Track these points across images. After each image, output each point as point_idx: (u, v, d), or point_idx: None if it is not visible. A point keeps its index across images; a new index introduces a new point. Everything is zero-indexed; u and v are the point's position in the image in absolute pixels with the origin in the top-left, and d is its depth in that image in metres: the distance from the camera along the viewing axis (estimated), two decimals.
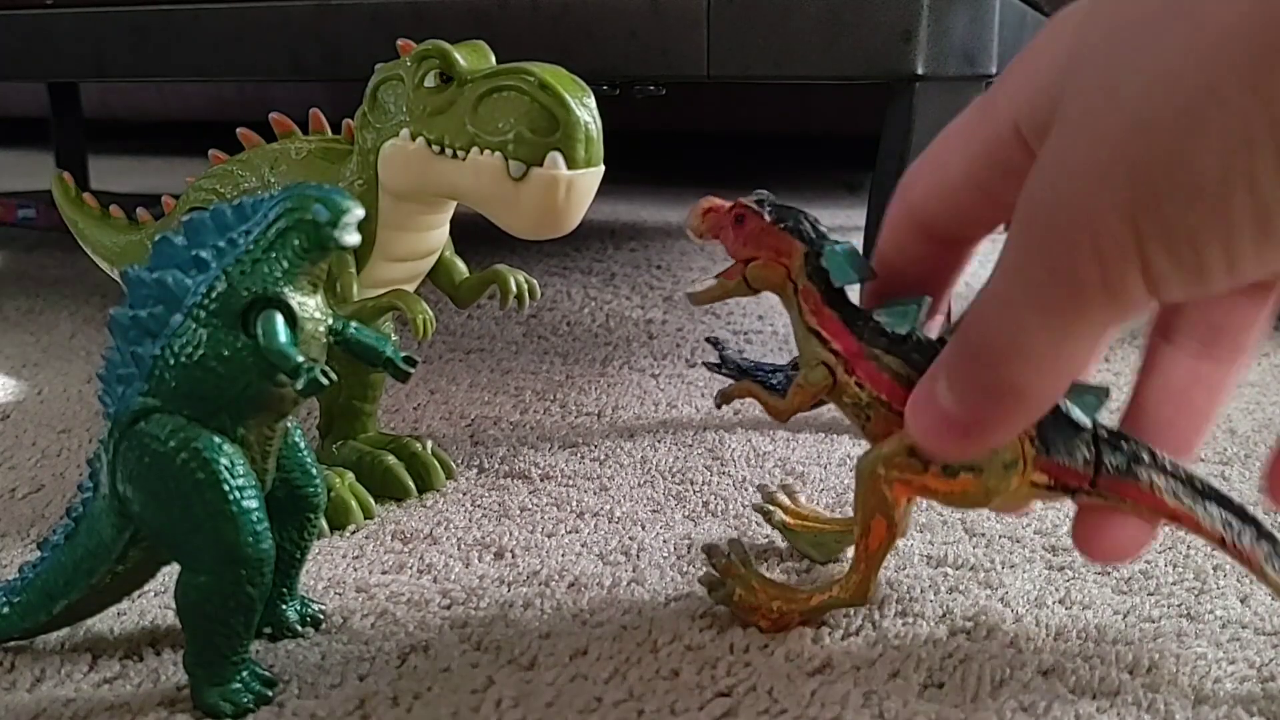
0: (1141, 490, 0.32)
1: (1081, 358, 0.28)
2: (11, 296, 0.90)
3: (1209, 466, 0.51)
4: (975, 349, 0.29)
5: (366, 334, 0.33)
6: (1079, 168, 0.25)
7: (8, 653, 0.35)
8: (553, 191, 0.41)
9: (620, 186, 1.47)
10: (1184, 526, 0.33)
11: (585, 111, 0.41)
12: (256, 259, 0.30)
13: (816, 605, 0.35)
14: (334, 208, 0.30)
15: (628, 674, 0.34)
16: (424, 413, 0.60)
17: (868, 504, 0.34)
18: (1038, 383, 0.28)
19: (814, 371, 0.34)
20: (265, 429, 0.32)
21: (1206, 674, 0.34)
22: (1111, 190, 0.25)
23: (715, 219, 0.35)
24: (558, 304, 0.87)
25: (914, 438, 0.32)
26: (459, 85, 0.42)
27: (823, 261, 0.34)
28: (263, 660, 0.34)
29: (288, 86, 1.53)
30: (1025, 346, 0.28)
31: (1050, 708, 0.32)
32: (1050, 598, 0.39)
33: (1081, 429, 0.33)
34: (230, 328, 0.30)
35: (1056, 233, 0.26)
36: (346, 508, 0.45)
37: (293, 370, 0.30)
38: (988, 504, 0.33)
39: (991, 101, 0.30)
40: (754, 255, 0.34)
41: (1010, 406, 0.29)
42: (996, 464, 0.32)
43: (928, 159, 0.33)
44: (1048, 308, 0.27)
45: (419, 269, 0.48)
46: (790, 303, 0.35)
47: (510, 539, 0.44)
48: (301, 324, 0.31)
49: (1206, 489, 0.33)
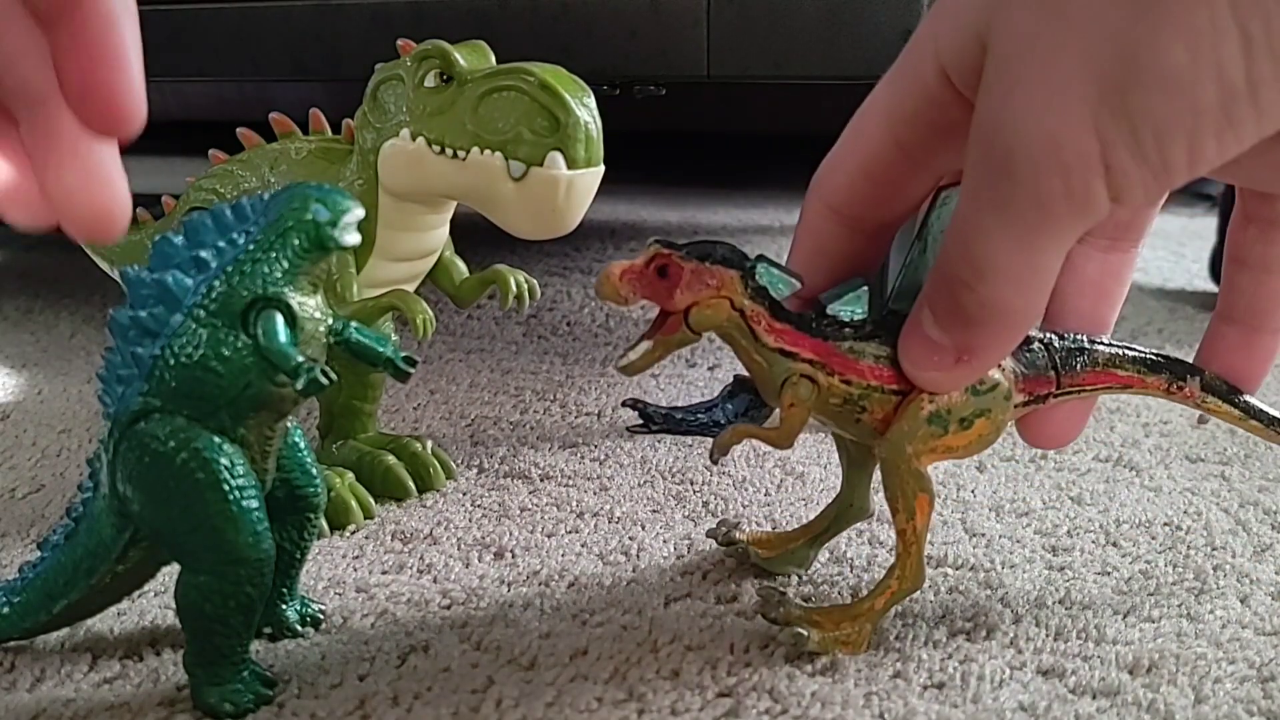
0: (1097, 374, 0.36)
1: (1054, 269, 0.28)
2: (11, 296, 0.90)
3: (1209, 466, 0.52)
4: (954, 277, 0.29)
5: (367, 334, 0.33)
6: (1034, 79, 0.26)
7: (8, 653, 0.35)
8: (553, 191, 0.41)
9: (620, 186, 1.47)
10: (1133, 389, 0.36)
11: (585, 111, 0.41)
12: (256, 259, 0.30)
13: (884, 607, 0.35)
14: (334, 208, 0.30)
15: (628, 674, 0.34)
16: (424, 413, 0.60)
17: (906, 486, 0.34)
18: (1019, 299, 0.29)
19: (799, 387, 0.33)
20: (265, 429, 0.32)
21: (1206, 674, 0.34)
22: (1072, 97, 0.25)
23: (635, 279, 0.32)
24: (558, 304, 0.87)
25: (911, 375, 0.33)
26: (459, 85, 0.42)
27: (759, 279, 0.33)
28: (263, 660, 0.34)
29: (288, 86, 1.53)
30: (1002, 266, 0.28)
31: (1050, 708, 0.32)
32: (1050, 598, 0.39)
33: (1032, 340, 0.35)
34: (230, 328, 0.30)
35: (1016, 150, 0.26)
36: (346, 508, 0.45)
37: (293, 370, 0.30)
38: (996, 440, 0.35)
39: (911, 58, 0.30)
40: (694, 300, 0.32)
41: (998, 326, 0.30)
42: (999, 399, 0.34)
43: (843, 143, 0.33)
44: (1017, 226, 0.27)
45: (419, 269, 0.48)
46: (739, 333, 0.33)
47: (510, 539, 0.44)
48: (301, 324, 0.31)
49: (1136, 353, 0.36)
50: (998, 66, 0.27)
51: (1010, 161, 0.27)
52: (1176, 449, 0.54)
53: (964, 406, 0.33)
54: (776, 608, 0.35)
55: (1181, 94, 0.24)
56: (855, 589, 0.39)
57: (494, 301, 0.82)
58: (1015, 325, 0.30)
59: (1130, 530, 0.44)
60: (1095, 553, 0.42)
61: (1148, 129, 0.25)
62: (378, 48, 0.47)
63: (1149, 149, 0.25)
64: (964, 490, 0.48)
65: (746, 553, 0.41)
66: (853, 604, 0.35)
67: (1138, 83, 0.25)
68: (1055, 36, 0.26)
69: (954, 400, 0.33)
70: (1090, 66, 0.25)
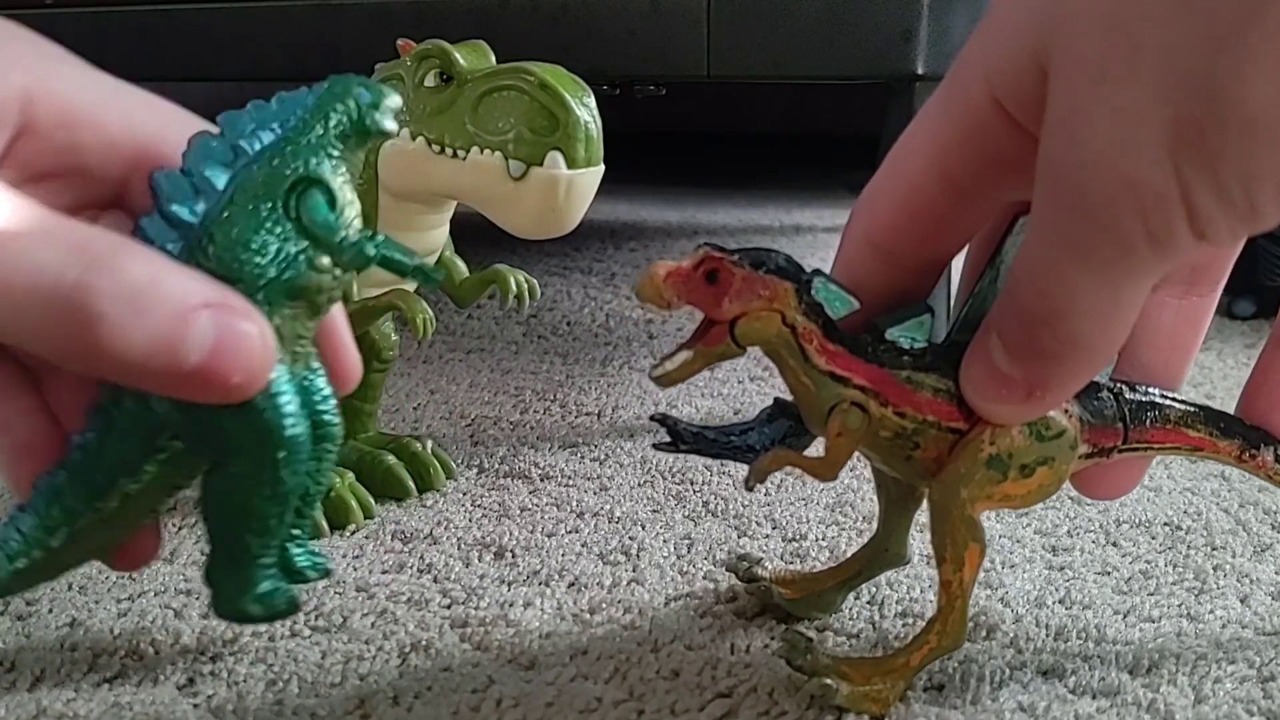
0: (1167, 431, 0.33)
1: (1137, 304, 0.27)
2: None
3: (1209, 466, 0.51)
4: (1030, 310, 0.28)
5: (394, 245, 0.31)
6: (1105, 114, 0.24)
7: (8, 652, 0.35)
8: (553, 191, 0.41)
9: (620, 186, 1.47)
10: (1203, 451, 0.34)
11: (585, 111, 0.41)
12: (299, 142, 0.30)
13: (920, 664, 0.32)
14: (375, 92, 0.30)
15: (628, 674, 0.34)
16: (424, 413, 0.60)
17: (958, 534, 0.31)
18: (1101, 336, 0.27)
19: (849, 415, 0.30)
20: (299, 326, 0.31)
21: (1206, 674, 0.34)
22: (1148, 135, 0.23)
23: (681, 282, 0.29)
24: (558, 304, 0.87)
25: (975, 405, 0.30)
26: (459, 85, 0.42)
27: (815, 295, 0.30)
28: (262, 659, 0.34)
29: (288, 86, 1.53)
30: (1082, 304, 0.26)
31: (1050, 708, 0.32)
32: (1050, 598, 0.39)
33: (1101, 388, 0.32)
34: (272, 208, 0.29)
35: (1091, 190, 0.25)
36: (346, 507, 0.45)
37: (339, 244, 0.29)
38: (1056, 491, 0.32)
39: (958, 85, 0.28)
40: (743, 311, 0.29)
41: (1075, 362, 0.28)
42: (1065, 448, 0.31)
43: (883, 174, 0.31)
44: (1096, 265, 0.26)
45: None
46: (787, 351, 0.30)
47: (510, 539, 0.44)
48: (342, 207, 0.30)
49: (1211, 413, 0.34)
50: (1064, 96, 0.25)
51: (1085, 201, 0.25)
52: None
53: (1027, 452, 0.31)
54: (803, 655, 0.33)
55: (1267, 137, 0.22)
56: (885, 636, 0.37)
57: (494, 301, 0.82)
58: (1093, 361, 0.28)
59: (1130, 530, 0.44)
60: (1095, 553, 0.42)
61: (1231, 174, 0.23)
62: (378, 48, 0.47)
63: (1234, 194, 0.23)
64: None
65: (769, 591, 0.38)
66: (885, 658, 0.33)
67: (1218, 123, 0.23)
68: (1126, 67, 0.23)
69: (1016, 444, 0.31)
70: (1166, 102, 0.23)
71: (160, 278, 0.27)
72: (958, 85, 0.28)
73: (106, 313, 0.26)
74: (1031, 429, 0.31)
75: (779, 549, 0.43)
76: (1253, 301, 0.82)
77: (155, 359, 0.26)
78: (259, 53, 0.70)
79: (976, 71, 0.27)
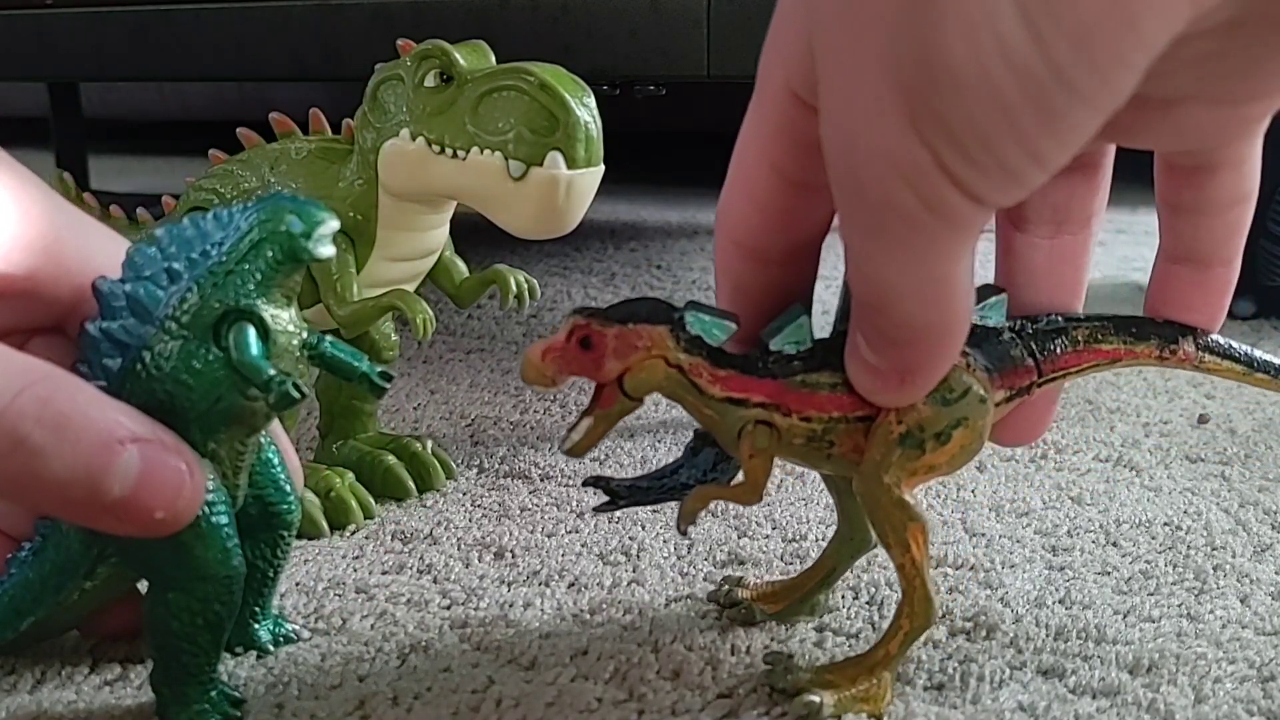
0: (1079, 353, 0.33)
1: (958, 274, 0.26)
2: None
3: (1209, 466, 0.52)
4: (864, 302, 0.28)
5: (342, 348, 0.32)
6: (853, 95, 0.24)
7: (8, 655, 0.35)
8: (553, 191, 0.41)
9: (620, 186, 1.47)
10: (1122, 361, 0.34)
11: (585, 111, 0.41)
12: (229, 270, 0.29)
13: (899, 650, 0.32)
14: (308, 219, 0.29)
15: (628, 674, 0.34)
16: (424, 413, 0.60)
17: (894, 519, 0.31)
18: (934, 315, 0.27)
19: (757, 435, 0.31)
20: (237, 444, 0.31)
21: (1206, 674, 0.34)
22: (888, 106, 0.23)
23: (558, 356, 0.30)
24: (558, 304, 0.87)
25: (864, 397, 0.31)
26: (459, 85, 0.42)
27: (691, 329, 0.30)
28: (262, 664, 0.34)
29: (288, 86, 1.53)
30: (899, 286, 0.26)
31: (1050, 708, 0.32)
32: (1050, 598, 0.39)
33: (1002, 331, 0.33)
34: (202, 340, 0.29)
35: (860, 170, 0.24)
36: (346, 508, 0.45)
37: (265, 384, 0.29)
38: (981, 447, 0.32)
39: (764, 78, 0.28)
40: (625, 367, 0.30)
41: (923, 343, 0.28)
42: (974, 403, 0.31)
43: (732, 171, 0.30)
44: (892, 244, 0.25)
45: (419, 269, 0.48)
46: (683, 390, 0.31)
47: (510, 539, 0.44)
48: (274, 337, 0.30)
49: (1120, 321, 0.34)
50: (824, 81, 0.25)
51: (858, 182, 0.25)
52: (1176, 449, 0.54)
53: (936, 420, 0.31)
54: (783, 676, 0.33)
55: (978, 94, 0.22)
56: (875, 625, 0.37)
57: (494, 301, 0.82)
58: (940, 338, 0.28)
59: (1130, 530, 0.44)
60: (1095, 553, 0.42)
61: (966, 135, 0.22)
62: (378, 48, 0.47)
63: (978, 154, 0.23)
64: (964, 490, 0.48)
65: (752, 611, 0.37)
66: (865, 654, 0.33)
67: (935, 86, 0.22)
68: (853, 38, 0.23)
69: (924, 415, 0.31)
70: (889, 70, 0.23)
71: (88, 409, 0.27)
72: (764, 79, 0.29)
73: (32, 437, 0.26)
74: (935, 396, 0.31)
75: (779, 549, 0.43)
76: (1253, 301, 0.82)
77: (78, 488, 0.27)
78: (259, 53, 0.70)
79: (775, 64, 0.28)
